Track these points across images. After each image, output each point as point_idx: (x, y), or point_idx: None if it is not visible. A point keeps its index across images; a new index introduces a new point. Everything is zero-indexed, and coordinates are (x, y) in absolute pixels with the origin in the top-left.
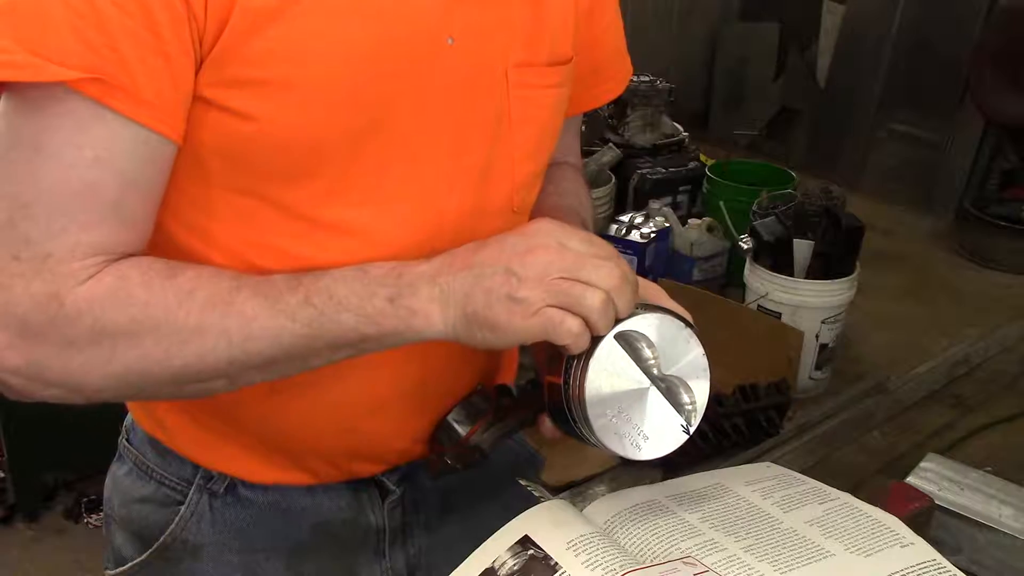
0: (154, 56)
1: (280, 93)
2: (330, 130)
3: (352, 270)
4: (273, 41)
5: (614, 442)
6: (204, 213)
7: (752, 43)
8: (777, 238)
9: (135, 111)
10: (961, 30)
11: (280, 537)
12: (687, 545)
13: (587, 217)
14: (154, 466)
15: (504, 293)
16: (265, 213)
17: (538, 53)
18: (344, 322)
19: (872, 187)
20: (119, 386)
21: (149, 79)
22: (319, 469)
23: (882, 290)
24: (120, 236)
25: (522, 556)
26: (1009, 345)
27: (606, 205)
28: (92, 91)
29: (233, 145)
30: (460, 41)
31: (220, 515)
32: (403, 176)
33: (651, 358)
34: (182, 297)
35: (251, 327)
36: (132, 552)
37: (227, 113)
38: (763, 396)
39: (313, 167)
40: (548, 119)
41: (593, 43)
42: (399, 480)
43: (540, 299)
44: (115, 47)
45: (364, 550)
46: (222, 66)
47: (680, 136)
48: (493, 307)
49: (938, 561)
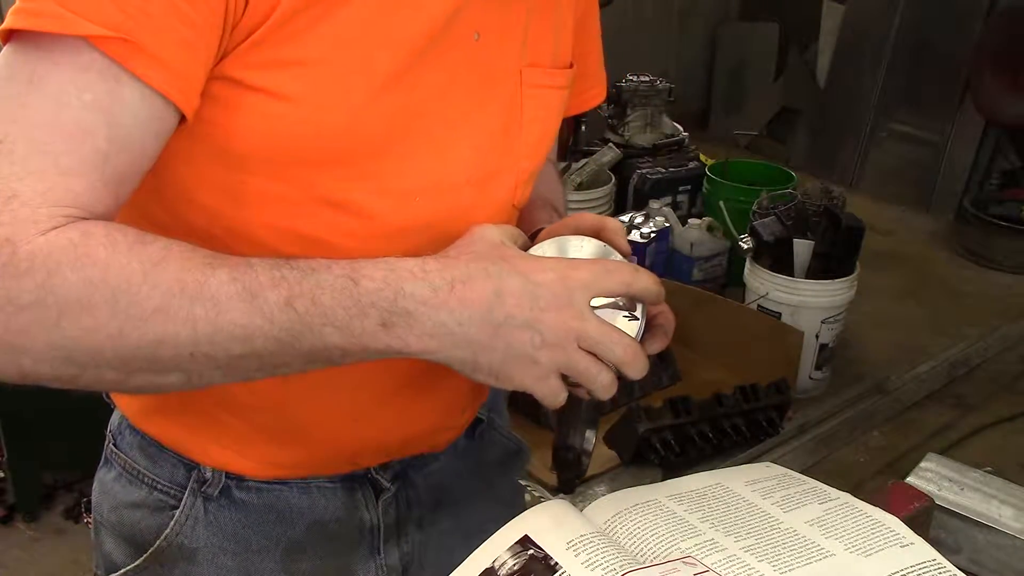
0: (184, 26)
1: (323, 74)
2: (367, 115)
3: (340, 277)
4: (320, 24)
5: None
6: (228, 197)
7: (752, 43)
8: (777, 238)
9: (153, 76)
10: (961, 30)
11: (275, 537)
12: (687, 545)
13: (558, 203)
14: (144, 470)
15: (523, 352)
16: (291, 197)
17: (548, 55)
18: (327, 337)
19: (872, 187)
20: (62, 362)
21: (176, 47)
22: (321, 461)
23: (882, 290)
24: (99, 194)
25: (522, 556)
26: (1009, 345)
27: (606, 205)
28: (113, 50)
29: (270, 127)
30: (484, 38)
31: (215, 518)
32: (425, 167)
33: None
34: (148, 267)
35: (222, 320)
36: (124, 558)
37: (265, 94)
38: (763, 396)
39: (346, 152)
40: (552, 119)
41: (584, 50)
42: (393, 478)
43: (554, 365)
44: (147, 10)
45: (359, 548)
46: (265, 48)
47: (680, 136)
48: (508, 363)
49: (938, 561)
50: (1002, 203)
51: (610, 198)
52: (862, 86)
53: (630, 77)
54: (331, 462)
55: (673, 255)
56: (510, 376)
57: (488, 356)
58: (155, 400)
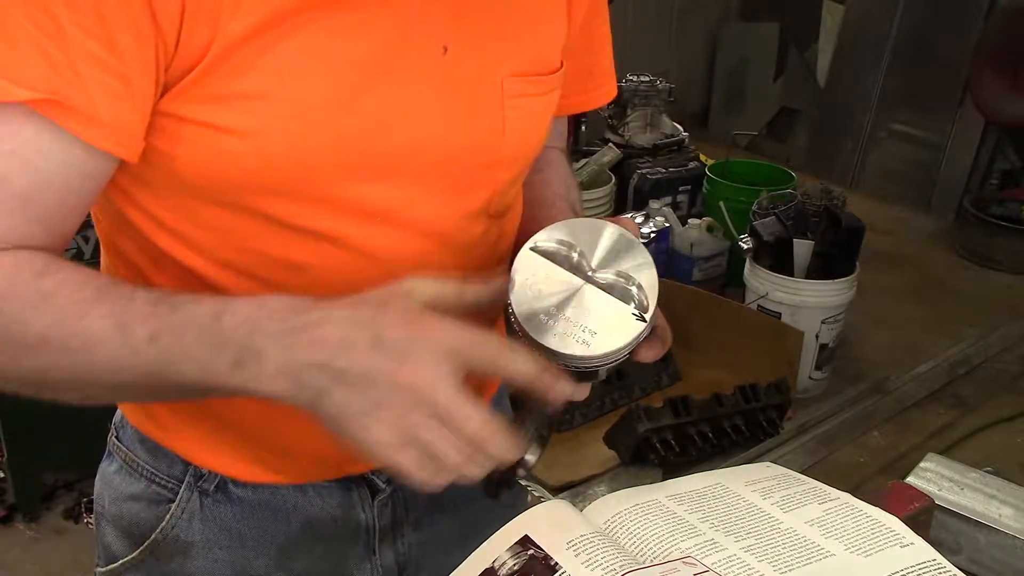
0: (114, 79)
1: (265, 107)
2: (322, 143)
3: (208, 313)
4: (261, 58)
5: (559, 343)
6: (187, 221)
7: (752, 43)
8: (777, 238)
9: (86, 133)
10: (961, 30)
11: (270, 534)
12: (687, 545)
13: (575, 200)
14: (144, 464)
15: (361, 409)
16: (252, 223)
17: (532, 63)
18: (185, 373)
19: (872, 187)
20: None
21: (108, 101)
22: (310, 470)
23: (882, 290)
24: (28, 229)
25: (522, 556)
26: (1009, 345)
27: (606, 205)
28: (46, 111)
29: (218, 161)
30: (454, 50)
31: (211, 513)
32: (394, 185)
33: (581, 260)
34: (38, 300)
35: (94, 353)
36: (123, 550)
37: (210, 129)
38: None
39: (304, 181)
40: (537, 127)
41: (589, 48)
42: (389, 478)
43: (396, 431)
44: (75, 67)
45: (354, 547)
46: (205, 84)
47: (680, 136)
48: (349, 419)
49: (938, 561)
50: (1002, 203)
51: (610, 198)
52: (862, 86)
53: (630, 77)
54: (315, 471)
55: (673, 255)
56: (354, 434)
57: (327, 405)
58: (143, 407)
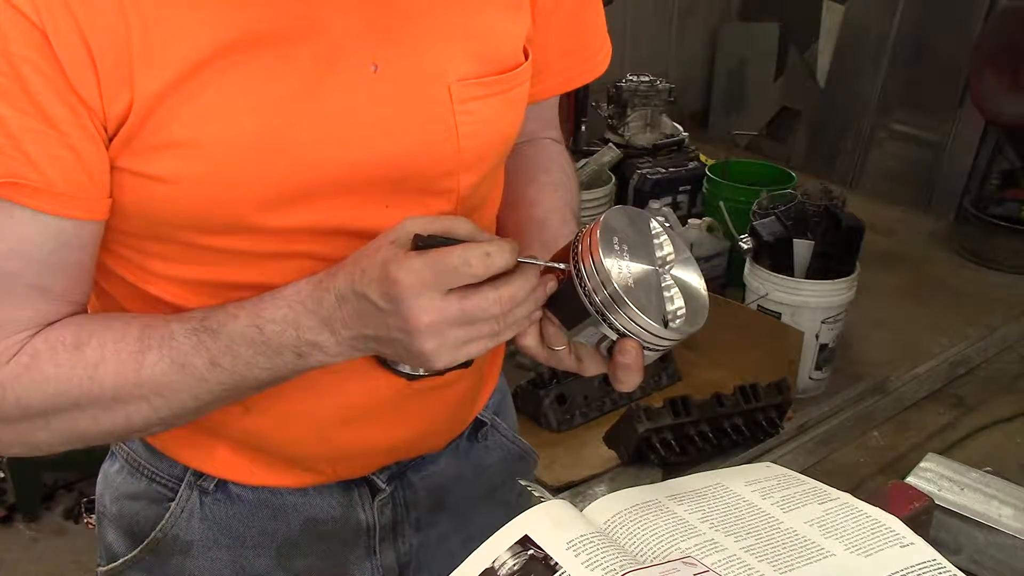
0: (61, 149)
1: (201, 153)
2: (257, 180)
3: (248, 327)
4: (183, 108)
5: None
6: (143, 255)
7: (752, 43)
8: (777, 238)
9: (49, 206)
10: (961, 30)
11: (270, 534)
12: (687, 545)
13: (575, 203)
14: (145, 463)
15: (406, 355)
16: (201, 255)
17: (484, 64)
18: (259, 377)
19: (872, 187)
20: (68, 442)
21: (60, 172)
22: (305, 474)
23: (882, 290)
24: (50, 309)
25: (522, 556)
26: (1009, 345)
27: (606, 205)
28: (5, 193)
29: (156, 207)
30: (386, 66)
31: (210, 512)
32: (345, 204)
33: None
34: (90, 371)
35: (166, 392)
36: (123, 548)
37: (142, 177)
38: (763, 396)
39: (246, 218)
40: (500, 127)
41: (572, 24)
42: (389, 479)
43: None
44: (21, 148)
45: (354, 547)
46: (132, 141)
47: (680, 136)
48: (410, 361)
49: (938, 561)
50: (1002, 203)
51: (610, 198)
52: (862, 86)
53: (630, 77)
54: (310, 475)
55: None
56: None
57: (387, 354)
58: None
